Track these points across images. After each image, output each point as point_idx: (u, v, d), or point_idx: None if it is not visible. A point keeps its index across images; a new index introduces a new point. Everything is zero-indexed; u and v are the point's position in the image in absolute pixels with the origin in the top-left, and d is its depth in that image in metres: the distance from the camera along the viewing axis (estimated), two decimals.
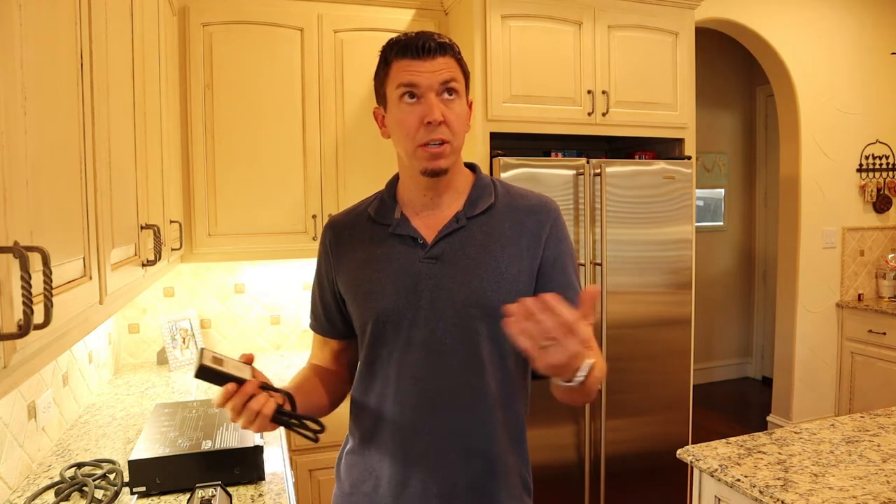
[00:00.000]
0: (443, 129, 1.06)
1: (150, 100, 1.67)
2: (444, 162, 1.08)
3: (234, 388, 0.97)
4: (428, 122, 1.05)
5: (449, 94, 1.07)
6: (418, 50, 1.06)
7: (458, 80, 1.09)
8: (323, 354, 1.28)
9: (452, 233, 1.13)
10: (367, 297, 1.14)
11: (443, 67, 1.07)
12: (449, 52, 1.08)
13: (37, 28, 0.80)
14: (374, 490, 1.15)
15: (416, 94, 1.06)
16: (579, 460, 2.61)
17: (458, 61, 1.11)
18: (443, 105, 1.06)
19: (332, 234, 1.22)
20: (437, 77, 1.06)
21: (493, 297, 1.09)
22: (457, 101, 1.09)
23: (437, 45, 1.07)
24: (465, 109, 1.12)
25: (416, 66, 1.06)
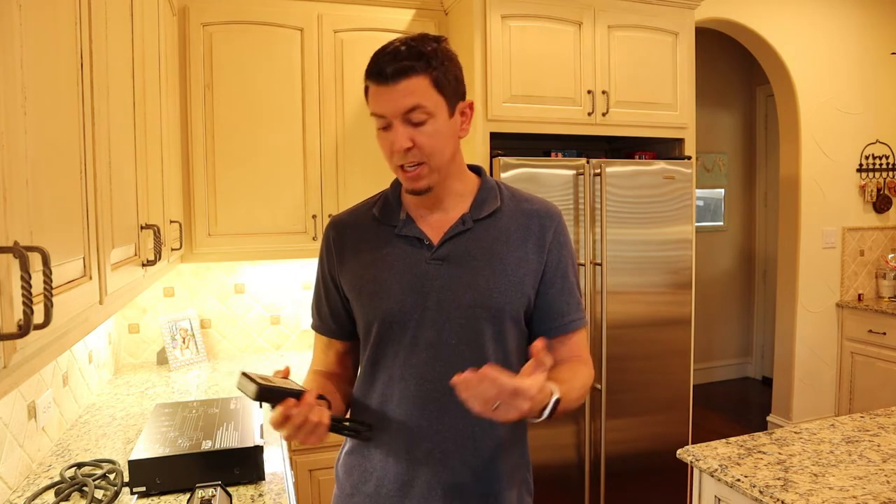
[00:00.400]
0: (414, 153, 1.05)
1: (150, 100, 1.67)
2: (423, 182, 1.08)
3: (294, 402, 0.96)
4: (395, 151, 1.05)
5: (415, 121, 1.04)
6: (380, 75, 1.03)
7: (428, 102, 1.04)
8: (327, 358, 1.26)
9: (458, 234, 1.13)
10: (373, 297, 1.14)
11: (406, 93, 1.02)
12: (414, 72, 1.02)
13: (37, 28, 0.80)
14: (376, 491, 1.15)
15: (385, 122, 1.05)
16: (579, 460, 2.61)
17: (431, 75, 1.04)
18: (411, 130, 1.04)
19: (335, 233, 1.21)
20: (399, 106, 1.03)
21: (499, 299, 1.10)
22: (428, 123, 1.04)
23: (397, 70, 1.01)
24: (444, 126, 1.07)
25: (381, 93, 1.04)
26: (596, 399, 2.59)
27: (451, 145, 1.10)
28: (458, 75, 1.10)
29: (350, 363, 1.28)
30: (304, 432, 0.96)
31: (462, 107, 1.11)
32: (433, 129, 1.05)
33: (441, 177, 1.11)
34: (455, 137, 1.11)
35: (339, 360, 1.27)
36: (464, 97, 1.12)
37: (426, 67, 1.03)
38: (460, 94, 1.10)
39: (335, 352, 1.26)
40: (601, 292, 2.55)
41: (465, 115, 1.12)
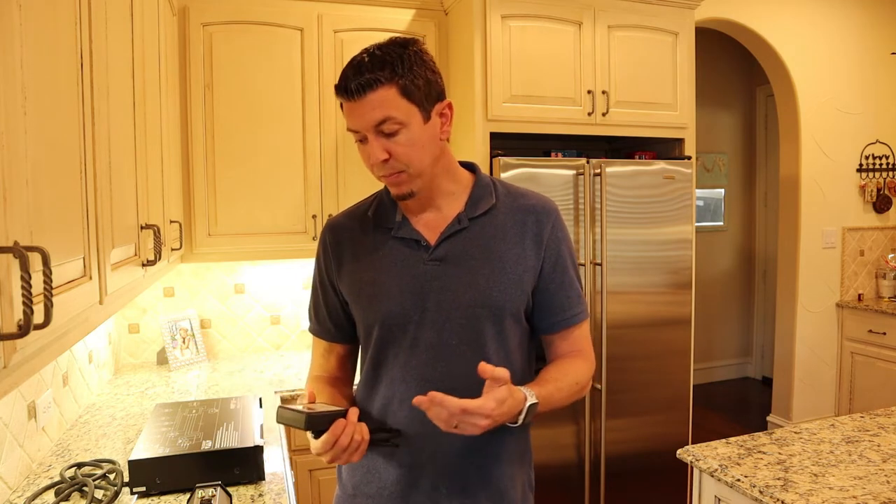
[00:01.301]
0: (391, 163, 1.05)
1: (150, 100, 1.67)
2: (404, 188, 1.08)
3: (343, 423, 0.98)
4: (372, 164, 1.06)
5: (387, 132, 1.03)
6: (346, 92, 1.02)
7: (396, 112, 1.02)
8: (328, 363, 1.26)
9: (455, 234, 1.13)
10: (372, 300, 1.13)
11: (374, 106, 1.01)
12: (378, 85, 1.00)
13: (37, 28, 0.80)
14: (378, 492, 1.15)
15: (359, 136, 1.05)
16: (579, 460, 2.60)
17: (397, 84, 1.01)
18: (385, 141, 1.03)
19: (331, 236, 1.21)
20: (366, 120, 1.02)
21: (499, 297, 1.10)
22: (401, 133, 1.03)
23: (359, 86, 1.00)
24: (419, 133, 1.05)
25: (351, 108, 1.03)
26: (596, 399, 2.59)
27: (431, 149, 1.08)
28: (429, 78, 1.06)
29: (350, 366, 1.28)
30: (348, 452, 0.98)
31: (440, 108, 1.08)
32: (407, 137, 1.04)
33: (425, 181, 1.10)
34: (435, 141, 1.08)
35: (339, 363, 1.27)
36: (441, 98, 1.09)
37: (391, 77, 1.01)
38: (435, 96, 1.07)
39: (335, 356, 1.26)
40: (601, 292, 2.55)
41: (444, 116, 1.10)
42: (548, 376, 1.11)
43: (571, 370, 1.14)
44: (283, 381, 2.37)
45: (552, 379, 1.10)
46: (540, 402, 1.03)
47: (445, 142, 1.13)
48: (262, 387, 2.30)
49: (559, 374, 1.11)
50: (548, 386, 1.07)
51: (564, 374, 1.12)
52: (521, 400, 1.00)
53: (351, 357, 1.27)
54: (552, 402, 1.07)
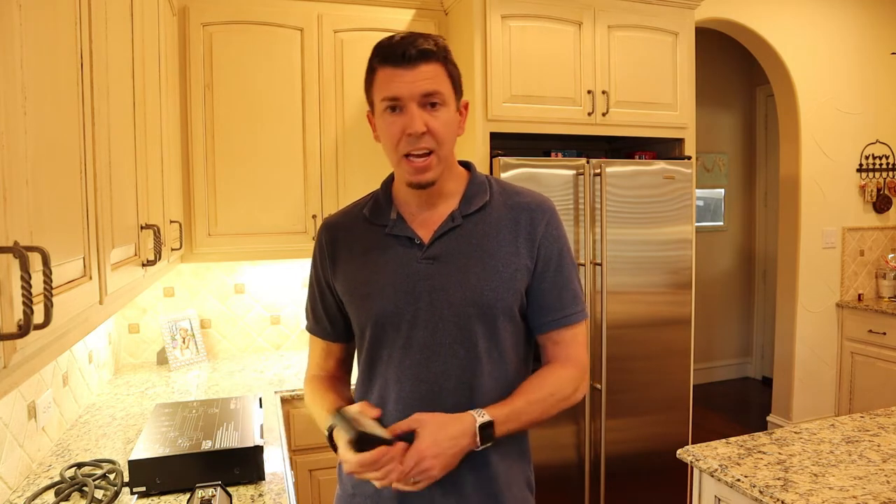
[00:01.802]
0: (426, 139, 1.05)
1: (150, 100, 1.67)
2: (429, 175, 1.08)
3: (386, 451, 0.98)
4: (409, 134, 1.04)
5: (432, 106, 1.04)
6: (399, 58, 1.03)
7: (443, 89, 1.05)
8: (325, 361, 1.26)
9: (448, 232, 1.12)
10: (365, 299, 1.13)
11: (425, 77, 1.03)
12: (433, 59, 1.04)
13: (37, 28, 0.80)
14: (376, 492, 1.15)
15: (398, 105, 1.05)
16: (579, 460, 2.60)
17: (445, 66, 1.06)
18: (426, 114, 1.04)
19: (327, 235, 1.21)
20: (418, 88, 1.03)
21: (490, 296, 1.10)
22: (442, 110, 1.05)
23: (419, 53, 1.02)
24: (453, 117, 1.08)
25: (398, 76, 1.03)
26: (596, 399, 2.59)
27: (453, 139, 1.11)
28: (459, 72, 1.12)
29: (347, 366, 1.29)
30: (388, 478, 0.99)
31: (461, 104, 1.13)
32: (446, 116, 1.06)
33: (443, 169, 1.11)
34: (455, 132, 1.12)
35: (336, 362, 1.27)
36: (462, 94, 1.13)
37: (442, 56, 1.06)
38: (461, 90, 1.12)
39: (332, 354, 1.26)
40: (601, 292, 2.55)
41: (461, 113, 1.13)
42: (520, 390, 1.11)
43: (549, 381, 1.13)
44: (284, 381, 2.37)
45: (524, 392, 1.10)
46: (499, 419, 1.03)
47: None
48: (262, 387, 2.30)
49: (532, 388, 1.11)
50: (516, 401, 1.08)
51: (539, 386, 1.12)
52: (470, 423, 1.01)
53: (348, 356, 1.27)
54: (523, 418, 1.07)
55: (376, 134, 1.14)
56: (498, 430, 1.04)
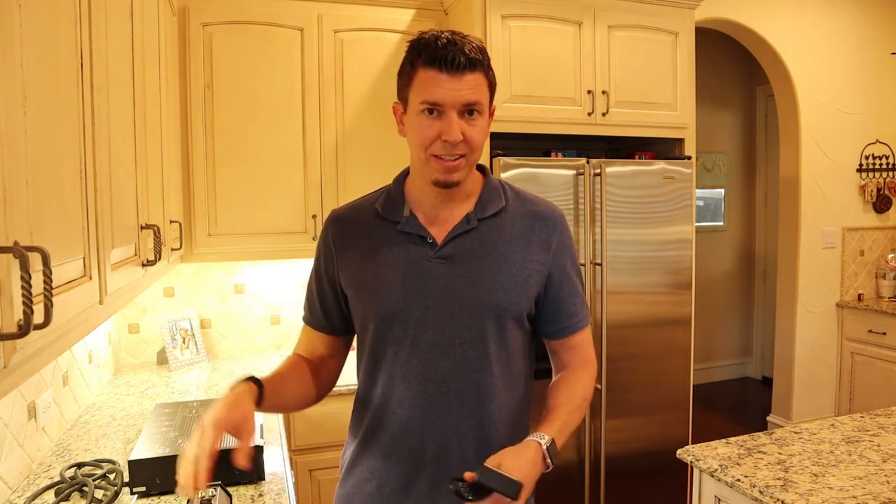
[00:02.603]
0: (461, 146, 1.05)
1: (150, 100, 1.67)
2: (457, 175, 1.08)
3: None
4: (445, 140, 1.04)
5: (470, 114, 1.05)
6: (447, 64, 1.02)
7: (483, 98, 1.06)
8: (313, 348, 1.24)
9: (463, 234, 1.13)
10: (374, 293, 1.13)
11: (470, 86, 1.03)
12: (479, 68, 1.04)
13: (37, 28, 0.80)
14: (377, 490, 1.15)
15: (437, 110, 1.04)
16: (579, 460, 2.60)
17: (486, 74, 1.07)
18: (464, 123, 1.04)
19: (335, 227, 1.20)
20: (461, 97, 1.03)
21: (504, 299, 1.10)
22: (479, 119, 1.06)
23: (467, 62, 1.02)
24: (486, 125, 1.09)
25: (442, 81, 1.02)
26: (596, 399, 2.59)
27: (484, 143, 1.12)
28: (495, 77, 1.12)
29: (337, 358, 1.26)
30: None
31: (493, 107, 1.13)
32: (482, 125, 1.07)
33: (470, 171, 1.12)
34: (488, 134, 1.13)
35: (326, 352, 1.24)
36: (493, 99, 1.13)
37: (486, 65, 1.07)
38: (493, 95, 1.12)
39: (323, 344, 1.24)
40: (601, 292, 2.55)
41: (491, 115, 1.14)
42: (557, 403, 1.13)
43: (578, 388, 1.16)
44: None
45: (561, 405, 1.12)
46: (555, 436, 1.06)
47: None
48: None
49: (567, 398, 1.14)
50: (560, 414, 1.10)
51: (572, 395, 1.14)
52: (537, 446, 1.02)
53: (337, 353, 1.25)
54: (569, 429, 1.10)
55: (402, 128, 1.12)
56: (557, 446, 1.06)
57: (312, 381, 1.19)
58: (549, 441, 1.03)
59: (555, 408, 1.11)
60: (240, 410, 0.97)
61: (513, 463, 0.97)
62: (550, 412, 1.11)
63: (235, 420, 0.96)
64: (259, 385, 1.04)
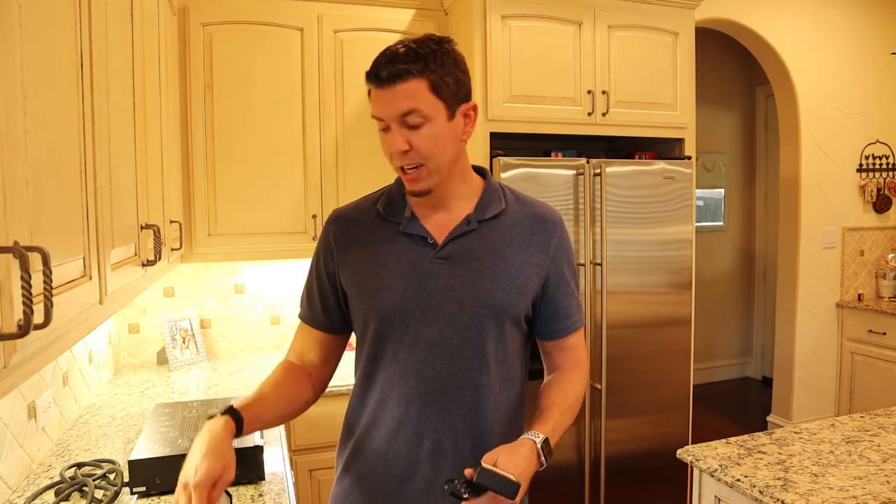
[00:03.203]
0: (411, 155, 1.05)
1: (150, 100, 1.67)
2: (422, 185, 1.09)
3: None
4: (392, 154, 1.06)
5: (411, 124, 1.04)
6: (378, 78, 1.03)
7: (423, 105, 1.03)
8: (307, 353, 1.23)
9: (463, 234, 1.13)
10: (374, 292, 1.13)
11: (402, 96, 1.02)
12: (409, 77, 1.01)
13: (37, 28, 0.80)
14: (375, 487, 1.15)
15: (383, 125, 1.06)
16: (579, 460, 2.60)
17: (429, 80, 1.03)
18: (408, 132, 1.04)
19: (336, 226, 1.20)
20: (394, 109, 1.03)
21: (503, 300, 1.11)
22: (425, 126, 1.04)
23: (393, 74, 1.01)
24: (442, 129, 1.06)
25: (379, 95, 1.04)
26: (596, 399, 2.59)
27: (452, 148, 1.09)
28: (459, 78, 1.08)
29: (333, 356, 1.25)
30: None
31: (465, 109, 1.10)
32: (430, 132, 1.05)
33: (441, 178, 1.10)
34: (456, 140, 1.10)
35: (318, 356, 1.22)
36: (467, 99, 1.10)
37: (423, 70, 1.03)
38: (462, 96, 1.09)
39: (317, 345, 1.22)
40: (601, 292, 2.55)
41: (468, 117, 1.11)
42: (550, 402, 1.14)
43: (570, 388, 1.18)
44: None
45: (554, 404, 1.13)
46: (549, 434, 1.07)
47: (464, 143, 1.14)
48: None
49: (560, 397, 1.15)
50: (553, 414, 1.11)
51: (564, 395, 1.16)
52: (531, 444, 1.03)
53: (332, 352, 1.24)
54: (562, 428, 1.12)
55: None
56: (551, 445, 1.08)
57: (298, 394, 1.18)
58: (544, 439, 1.05)
59: (548, 407, 1.13)
60: (219, 463, 0.98)
61: (509, 461, 0.98)
62: (544, 411, 1.12)
63: (216, 474, 0.97)
64: (237, 417, 1.06)
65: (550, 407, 1.12)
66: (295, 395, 1.18)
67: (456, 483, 0.97)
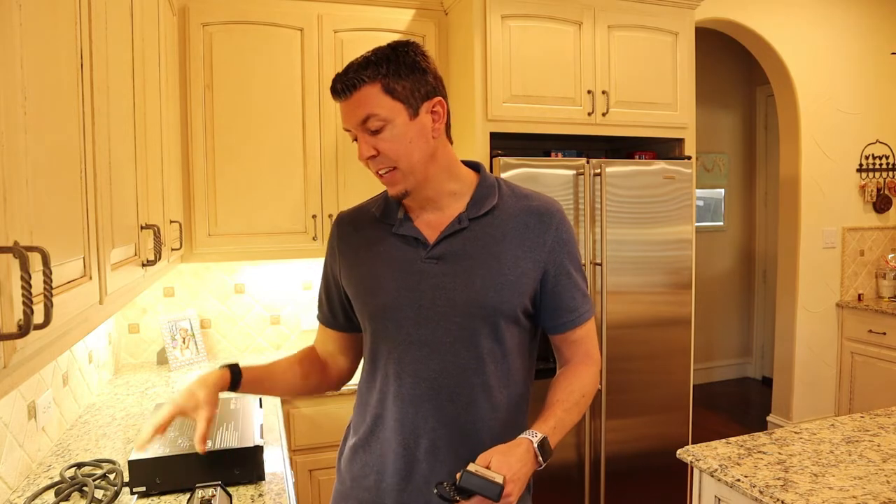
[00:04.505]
0: (379, 159, 1.08)
1: (150, 100, 1.67)
2: (399, 188, 1.11)
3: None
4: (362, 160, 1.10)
5: (373, 130, 1.06)
6: (336, 93, 1.08)
7: (380, 110, 1.04)
8: (327, 342, 1.31)
9: (454, 234, 1.13)
10: (368, 294, 1.16)
11: (358, 104, 1.06)
12: (361, 84, 1.04)
13: (37, 28, 0.80)
14: (375, 485, 1.16)
15: (352, 135, 1.10)
16: (579, 460, 2.61)
17: (381, 83, 1.04)
18: (372, 138, 1.07)
19: (338, 230, 1.25)
20: (354, 117, 1.07)
21: (494, 298, 1.11)
22: (385, 130, 1.06)
23: (346, 85, 1.05)
24: (402, 131, 1.06)
25: (341, 108, 1.09)
26: (596, 399, 2.59)
27: (420, 147, 1.08)
28: (418, 77, 1.07)
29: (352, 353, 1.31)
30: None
31: (429, 106, 1.09)
32: (391, 134, 1.07)
33: (418, 179, 1.10)
34: (425, 138, 1.09)
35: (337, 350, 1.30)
36: (431, 96, 1.09)
37: (374, 75, 1.05)
38: (424, 94, 1.08)
39: (335, 342, 1.30)
40: (601, 292, 2.55)
41: (435, 113, 1.10)
42: (553, 399, 1.13)
43: (577, 384, 1.15)
44: None
45: (558, 402, 1.12)
46: (548, 433, 1.06)
47: (443, 140, 1.13)
48: None
49: (565, 394, 1.13)
50: (556, 411, 1.10)
51: (570, 391, 1.14)
52: (528, 443, 1.02)
53: (350, 347, 1.30)
54: (565, 426, 1.10)
55: None
56: (551, 444, 1.06)
57: (311, 374, 1.27)
58: (542, 439, 1.04)
59: (551, 405, 1.12)
60: (193, 399, 1.07)
61: (503, 461, 0.98)
62: (546, 409, 1.11)
63: (187, 406, 1.07)
64: (235, 371, 1.14)
65: (553, 405, 1.11)
66: (306, 373, 1.27)
67: (445, 485, 0.97)
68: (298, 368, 1.27)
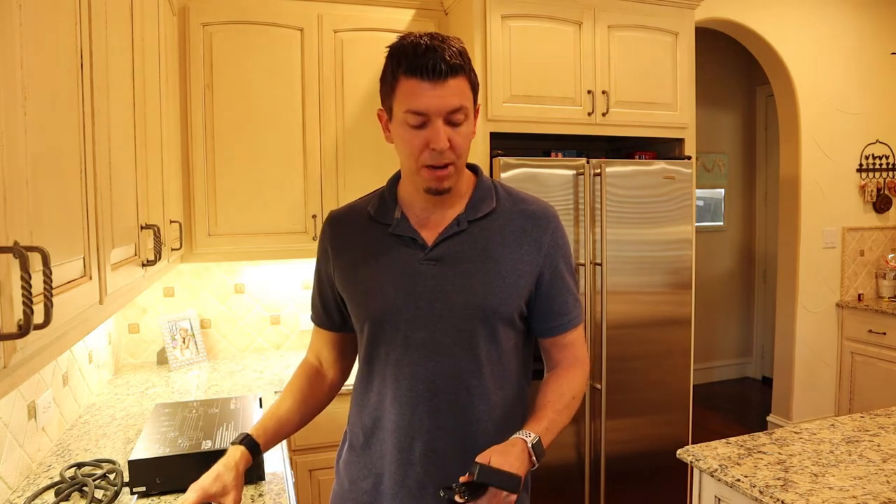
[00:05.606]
0: (448, 153, 1.04)
1: (150, 100, 1.67)
2: (448, 183, 1.09)
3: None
4: (433, 149, 1.03)
5: (456, 120, 1.04)
6: (428, 72, 1.00)
7: (468, 102, 1.05)
8: (322, 351, 1.29)
9: (453, 236, 1.13)
10: (365, 296, 1.14)
11: (453, 93, 1.02)
12: (461, 73, 1.02)
13: (37, 28, 0.80)
14: (373, 487, 1.16)
15: (423, 119, 1.03)
16: (579, 460, 2.60)
17: (468, 77, 1.05)
18: (450, 129, 1.03)
19: (331, 229, 1.22)
20: (445, 104, 1.02)
21: (493, 301, 1.10)
22: (464, 125, 1.05)
23: (449, 68, 1.00)
24: (471, 129, 1.08)
25: (425, 90, 1.01)
26: (596, 399, 2.59)
27: (469, 146, 1.11)
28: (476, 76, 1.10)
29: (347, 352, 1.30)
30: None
31: (477, 106, 1.12)
32: (467, 130, 1.06)
33: (460, 177, 1.12)
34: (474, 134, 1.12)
35: (333, 353, 1.29)
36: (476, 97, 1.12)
37: (468, 68, 1.05)
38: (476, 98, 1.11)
39: (330, 344, 1.28)
40: (601, 292, 2.55)
41: (476, 113, 1.13)
42: (545, 401, 1.12)
43: (567, 387, 1.15)
44: (283, 381, 2.37)
45: (549, 403, 1.11)
46: (542, 433, 1.05)
47: None
48: (262, 387, 2.30)
49: (555, 397, 1.13)
50: (547, 413, 1.10)
51: (560, 394, 1.14)
52: (523, 444, 1.02)
53: (347, 347, 1.29)
54: (556, 427, 1.10)
55: (389, 135, 1.12)
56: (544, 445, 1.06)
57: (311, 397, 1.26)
58: (535, 439, 1.03)
59: (542, 406, 1.11)
60: (220, 483, 1.08)
61: (502, 460, 0.98)
62: (538, 410, 1.11)
63: (214, 492, 1.07)
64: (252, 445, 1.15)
65: (545, 406, 1.11)
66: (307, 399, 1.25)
67: (453, 487, 0.96)
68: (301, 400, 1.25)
